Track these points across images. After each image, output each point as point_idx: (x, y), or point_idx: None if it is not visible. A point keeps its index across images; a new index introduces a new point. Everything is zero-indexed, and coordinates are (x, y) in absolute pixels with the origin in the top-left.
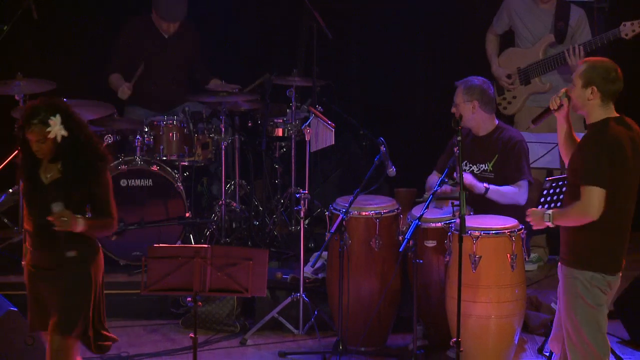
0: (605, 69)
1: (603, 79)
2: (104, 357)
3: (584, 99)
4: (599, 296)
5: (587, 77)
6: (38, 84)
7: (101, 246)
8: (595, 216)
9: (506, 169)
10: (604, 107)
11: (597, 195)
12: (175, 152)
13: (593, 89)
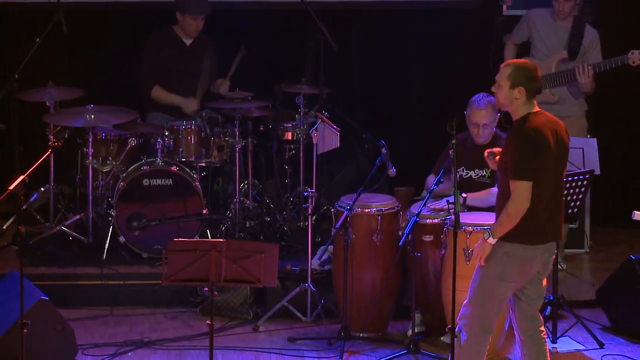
0: (528, 69)
1: (527, 79)
2: (129, 341)
3: (511, 98)
4: (508, 270)
5: (513, 79)
6: (67, 92)
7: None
8: (526, 208)
9: None
10: (527, 104)
11: (526, 188)
12: (193, 154)
13: (520, 89)
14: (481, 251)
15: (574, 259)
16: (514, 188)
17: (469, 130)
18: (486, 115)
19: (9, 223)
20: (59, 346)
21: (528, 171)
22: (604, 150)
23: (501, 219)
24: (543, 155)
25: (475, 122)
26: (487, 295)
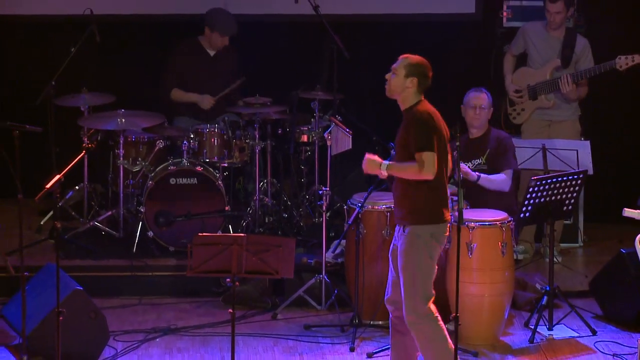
0: (425, 67)
1: (423, 76)
2: (156, 328)
3: (403, 86)
4: (435, 249)
5: (409, 69)
6: (100, 97)
7: (152, 234)
8: (432, 176)
9: (496, 160)
10: (417, 95)
11: (432, 158)
12: (216, 155)
13: (413, 80)
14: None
15: (569, 253)
16: (421, 159)
17: (466, 118)
18: (483, 99)
19: (46, 219)
20: (92, 332)
21: (430, 143)
22: (597, 152)
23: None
24: (439, 134)
25: (472, 104)
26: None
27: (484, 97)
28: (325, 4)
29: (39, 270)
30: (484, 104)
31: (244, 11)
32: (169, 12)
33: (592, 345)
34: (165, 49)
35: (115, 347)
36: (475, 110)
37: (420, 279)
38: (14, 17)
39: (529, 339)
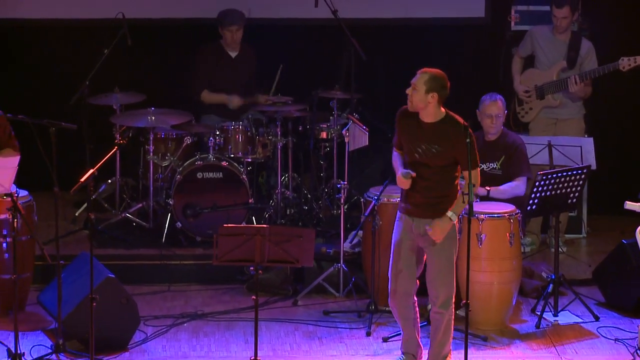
0: (443, 79)
1: (443, 88)
2: (184, 314)
3: (425, 102)
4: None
5: (429, 85)
6: (131, 96)
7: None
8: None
9: (511, 167)
10: (439, 107)
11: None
12: (240, 151)
13: (434, 95)
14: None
15: (573, 243)
16: (474, 174)
17: (483, 124)
18: (499, 107)
19: (81, 210)
20: (123, 317)
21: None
22: (600, 149)
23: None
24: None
25: (489, 113)
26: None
27: (499, 105)
28: (344, 8)
29: (74, 259)
30: (499, 113)
31: (267, 15)
32: (194, 16)
33: (595, 330)
34: (191, 50)
35: (146, 331)
36: (492, 120)
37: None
38: (51, 20)
39: (536, 325)
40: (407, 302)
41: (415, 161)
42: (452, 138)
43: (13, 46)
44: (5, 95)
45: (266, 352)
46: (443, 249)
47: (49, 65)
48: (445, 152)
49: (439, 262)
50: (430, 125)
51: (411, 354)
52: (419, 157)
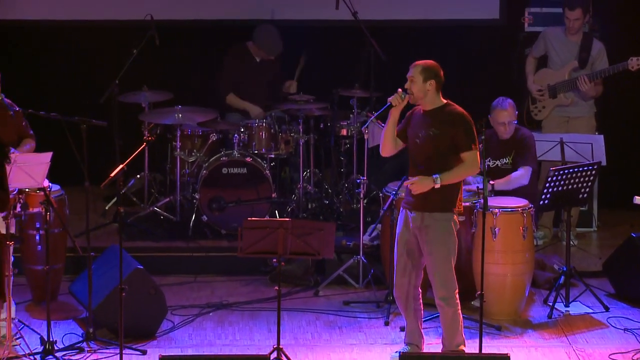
0: (437, 68)
1: (438, 76)
2: (210, 304)
3: (424, 90)
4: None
5: (426, 74)
6: (159, 94)
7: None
8: (478, 170)
9: (518, 159)
10: (438, 95)
11: (477, 155)
12: (264, 147)
13: (432, 82)
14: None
15: (584, 237)
16: (471, 156)
17: (496, 129)
18: (509, 114)
19: (111, 204)
20: (152, 307)
21: (475, 140)
22: (610, 146)
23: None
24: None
25: (501, 121)
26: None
27: (509, 111)
28: (363, 10)
29: (104, 251)
30: (510, 119)
31: (290, 17)
32: (220, 17)
33: (605, 320)
34: (217, 51)
35: (173, 320)
36: (505, 127)
37: (453, 261)
38: (83, 22)
39: (548, 315)
40: (411, 293)
41: (415, 148)
42: (450, 121)
43: (48, 47)
44: (38, 94)
45: (288, 340)
46: (437, 249)
47: (80, 65)
48: (442, 135)
49: (434, 261)
50: (430, 112)
51: (415, 344)
52: (420, 141)
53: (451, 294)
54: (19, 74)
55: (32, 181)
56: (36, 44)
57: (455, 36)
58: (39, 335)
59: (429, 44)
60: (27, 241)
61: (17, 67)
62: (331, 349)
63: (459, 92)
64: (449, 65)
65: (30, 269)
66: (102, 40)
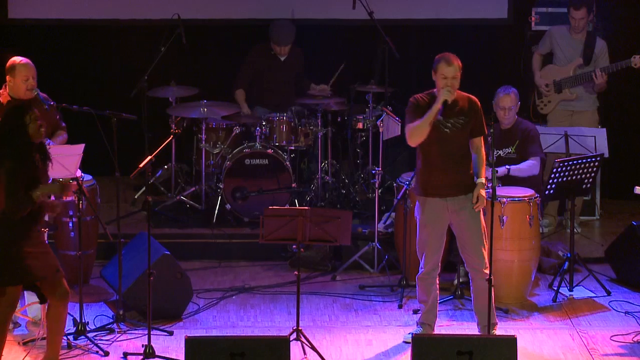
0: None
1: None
2: (233, 287)
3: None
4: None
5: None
6: (186, 90)
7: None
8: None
9: (525, 150)
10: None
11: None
12: (284, 140)
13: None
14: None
15: (587, 225)
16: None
17: (497, 115)
18: (511, 100)
19: (140, 194)
20: (178, 290)
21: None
22: (612, 138)
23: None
24: None
25: (502, 106)
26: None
27: (511, 97)
28: (379, 10)
29: (133, 238)
30: (512, 105)
31: (309, 16)
32: (243, 17)
33: (607, 304)
34: (240, 48)
35: (198, 303)
36: (505, 112)
37: None
38: (114, 21)
39: (553, 298)
40: (435, 274)
41: (443, 137)
42: (472, 108)
43: (81, 45)
44: (72, 89)
45: (307, 322)
46: (478, 217)
47: (112, 62)
48: (468, 123)
49: (478, 228)
50: (454, 101)
51: (428, 324)
52: (449, 131)
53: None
54: (55, 70)
55: (65, 171)
56: (71, 42)
57: (466, 34)
58: (72, 316)
59: (441, 42)
60: (61, 228)
61: (53, 63)
62: (347, 331)
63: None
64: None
65: (64, 254)
66: (132, 38)
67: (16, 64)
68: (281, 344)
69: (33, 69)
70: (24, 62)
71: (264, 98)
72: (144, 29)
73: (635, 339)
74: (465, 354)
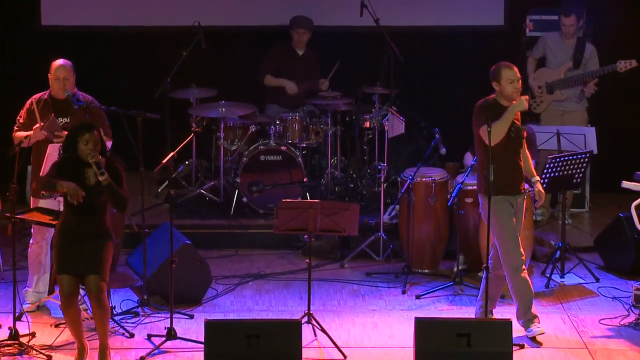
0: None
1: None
2: (249, 274)
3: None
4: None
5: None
6: (206, 91)
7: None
8: None
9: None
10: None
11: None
12: (297, 137)
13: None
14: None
15: (577, 216)
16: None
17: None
18: None
19: (163, 187)
20: (198, 277)
21: None
22: (601, 136)
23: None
24: None
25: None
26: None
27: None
28: (384, 17)
29: (157, 228)
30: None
31: (322, 23)
32: (260, 24)
33: (596, 290)
34: (257, 52)
35: (216, 288)
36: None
37: None
38: (139, 27)
39: (545, 285)
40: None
41: (508, 141)
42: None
43: (109, 50)
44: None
45: (318, 306)
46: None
47: (137, 65)
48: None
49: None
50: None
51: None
52: (514, 135)
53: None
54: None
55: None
56: (99, 48)
57: (465, 40)
58: None
59: (441, 46)
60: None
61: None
62: (355, 314)
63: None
64: (459, 65)
65: None
66: (156, 43)
67: (53, 65)
68: (294, 326)
69: (68, 70)
70: (60, 63)
71: (279, 95)
72: (167, 35)
73: (622, 323)
74: (464, 336)
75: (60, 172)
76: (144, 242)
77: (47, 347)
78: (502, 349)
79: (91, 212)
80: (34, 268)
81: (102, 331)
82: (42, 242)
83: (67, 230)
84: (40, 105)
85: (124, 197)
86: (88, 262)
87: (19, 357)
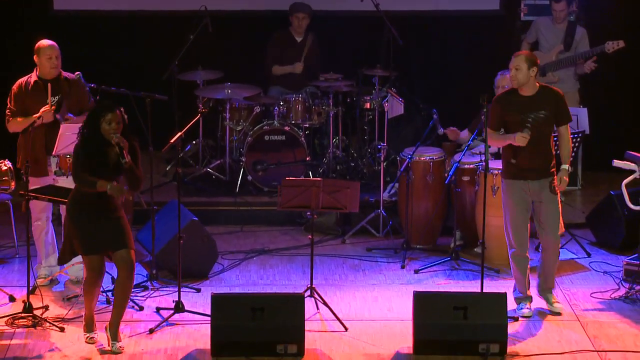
0: (534, 57)
1: (536, 63)
2: (254, 250)
3: (528, 76)
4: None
5: (529, 62)
6: (212, 73)
7: (251, 178)
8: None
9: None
10: (535, 81)
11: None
12: (300, 118)
13: (534, 68)
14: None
15: (570, 194)
16: (567, 128)
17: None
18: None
19: (170, 166)
20: (205, 252)
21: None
22: (592, 116)
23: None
24: None
25: (502, 85)
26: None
27: (507, 78)
28: (384, 2)
29: (165, 205)
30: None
31: (324, 8)
32: (263, 8)
33: (588, 264)
34: (261, 36)
35: (222, 263)
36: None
37: None
38: (148, 11)
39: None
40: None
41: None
42: (553, 101)
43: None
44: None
45: (320, 280)
46: (555, 200)
47: (146, 49)
48: (549, 115)
49: (555, 211)
50: (533, 96)
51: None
52: (531, 125)
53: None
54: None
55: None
56: (110, 31)
57: (461, 24)
58: (110, 275)
59: (439, 31)
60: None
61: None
62: (356, 288)
63: (464, 72)
64: (456, 50)
65: None
66: (164, 27)
67: (40, 46)
68: (297, 300)
69: (57, 49)
70: (49, 43)
71: (283, 78)
72: (175, 19)
73: (613, 296)
74: (460, 309)
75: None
76: (152, 219)
77: (60, 320)
78: (497, 321)
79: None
80: (41, 243)
81: (123, 303)
82: (42, 217)
83: (82, 207)
84: (31, 87)
85: (140, 178)
86: (116, 239)
87: (33, 329)
